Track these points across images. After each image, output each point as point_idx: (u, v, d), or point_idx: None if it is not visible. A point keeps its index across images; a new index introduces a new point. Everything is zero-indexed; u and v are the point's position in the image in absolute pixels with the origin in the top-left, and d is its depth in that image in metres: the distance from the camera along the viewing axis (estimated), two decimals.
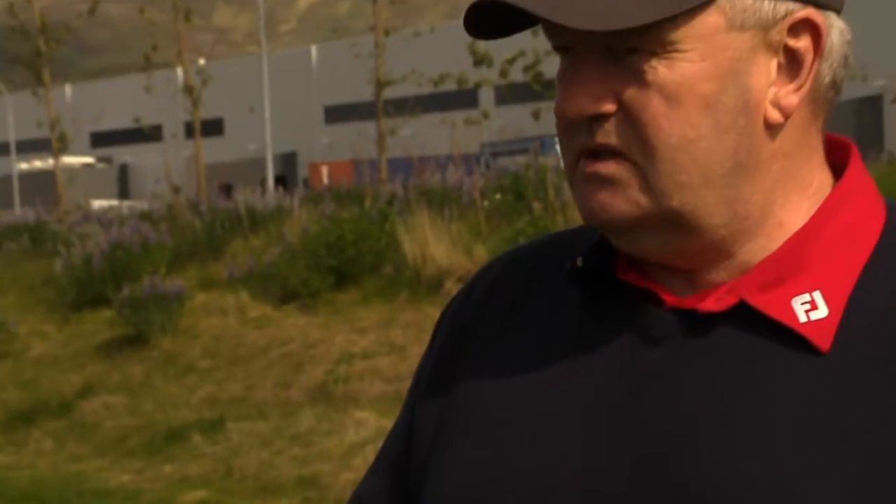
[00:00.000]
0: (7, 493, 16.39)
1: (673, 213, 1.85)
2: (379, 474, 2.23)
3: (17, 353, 22.96)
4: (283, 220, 23.83)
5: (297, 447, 16.48)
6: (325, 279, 21.06)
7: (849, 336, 1.83)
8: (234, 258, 23.02)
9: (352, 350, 18.88)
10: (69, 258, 24.79)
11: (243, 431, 17.36)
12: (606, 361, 1.94)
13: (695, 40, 1.80)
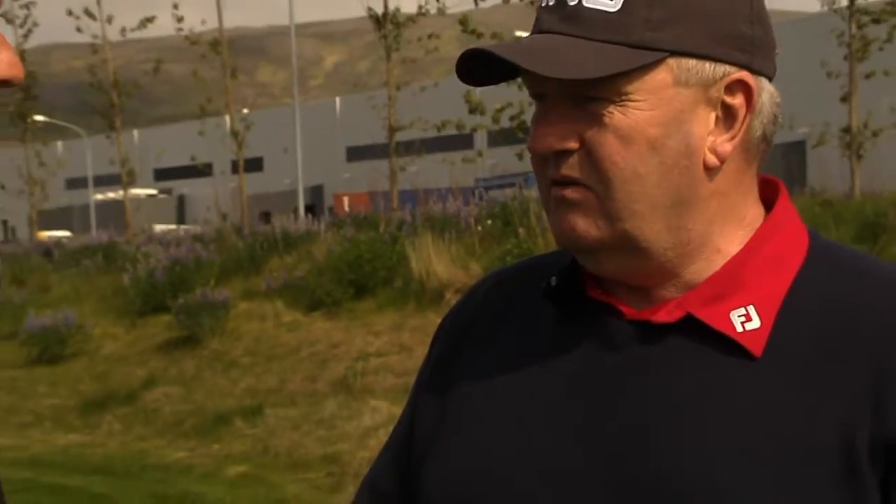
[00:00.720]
0: (83, 467, 16.36)
1: (626, 236, 1.85)
2: (386, 457, 2.22)
3: (91, 351, 22.83)
4: (312, 242, 23.68)
5: (322, 430, 16.41)
6: (346, 291, 20.89)
7: (778, 344, 1.83)
8: (271, 273, 22.87)
9: (368, 350, 18.78)
10: (135, 273, 24.64)
11: (277, 417, 17.30)
12: (575, 365, 1.94)
13: (646, 93, 1.80)
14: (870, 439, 1.74)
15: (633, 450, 1.85)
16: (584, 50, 1.79)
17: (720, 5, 1.84)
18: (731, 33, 1.85)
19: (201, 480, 15.54)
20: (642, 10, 1.79)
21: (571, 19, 1.82)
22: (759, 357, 1.83)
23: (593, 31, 1.80)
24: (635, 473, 1.83)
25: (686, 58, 1.82)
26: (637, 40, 1.80)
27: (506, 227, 20.90)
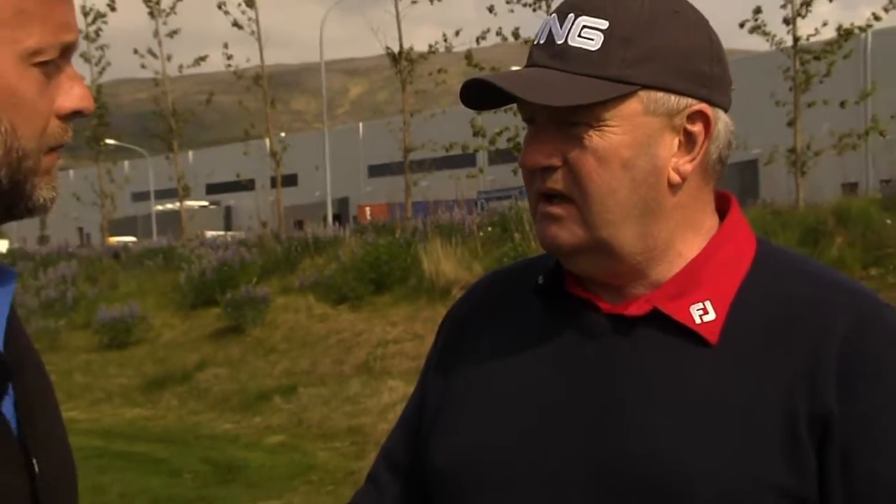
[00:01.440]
0: (146, 436, 16.41)
1: (602, 242, 1.87)
2: (400, 431, 2.22)
3: (152, 338, 22.86)
4: (338, 246, 23.67)
5: (348, 406, 16.41)
6: (367, 287, 20.90)
7: (731, 333, 1.86)
8: (304, 272, 22.86)
9: (386, 337, 18.78)
10: (189, 272, 24.65)
11: (309, 394, 17.30)
12: (559, 351, 1.96)
13: (620, 119, 1.83)
14: (808, 412, 1.77)
15: (608, 423, 1.87)
16: (569, 82, 1.82)
17: (684, 48, 1.86)
18: (694, 71, 1.87)
19: (245, 448, 15.57)
20: (619, 50, 1.82)
21: (559, 56, 1.86)
22: (714, 344, 1.86)
23: (577, 67, 1.83)
24: (610, 444, 1.85)
25: (655, 91, 1.85)
26: (614, 75, 1.82)
27: (503, 233, 20.91)
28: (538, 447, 1.92)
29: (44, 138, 1.64)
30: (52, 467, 1.80)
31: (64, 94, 1.67)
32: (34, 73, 1.61)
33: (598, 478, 1.84)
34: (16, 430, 1.74)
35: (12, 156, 1.61)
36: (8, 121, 1.59)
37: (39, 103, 1.63)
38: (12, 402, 1.75)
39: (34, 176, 1.65)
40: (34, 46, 1.61)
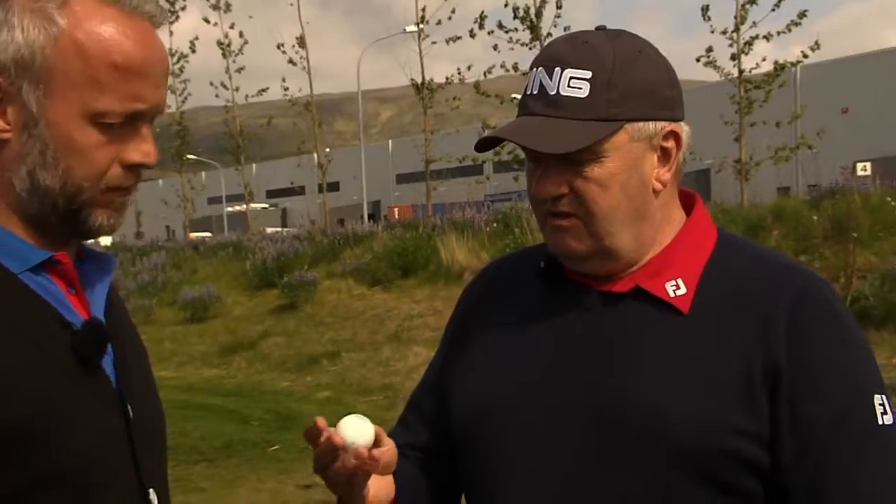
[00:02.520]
0: (221, 392, 16.49)
1: (605, 248, 1.88)
2: (425, 386, 2.21)
3: (225, 313, 22.87)
4: (372, 239, 23.65)
5: (381, 367, 16.42)
6: (396, 272, 20.90)
7: (698, 304, 1.87)
8: (345, 260, 22.83)
9: (411, 313, 18.79)
10: (254, 260, 24.63)
11: (351, 359, 17.32)
12: (558, 322, 1.96)
13: (613, 150, 1.83)
14: (761, 366, 1.79)
15: (599, 378, 1.87)
16: (568, 128, 1.82)
17: (652, 81, 1.88)
18: (661, 99, 1.88)
19: (299, 401, 15.59)
20: (603, 93, 1.82)
21: (553, 105, 1.85)
22: (686, 313, 1.88)
23: (573, 113, 1.83)
24: (601, 395, 1.86)
25: (636, 122, 1.84)
26: (603, 115, 1.83)
27: (506, 228, 20.91)
28: (540, 398, 1.91)
29: (102, 180, 1.68)
30: (143, 413, 1.81)
31: (132, 149, 1.69)
32: (94, 131, 1.64)
33: (592, 421, 1.85)
34: (114, 383, 1.76)
35: (67, 189, 1.65)
36: (65, 162, 1.64)
37: (96, 154, 1.66)
38: (111, 360, 1.77)
39: (90, 206, 1.69)
40: (98, 110, 1.63)
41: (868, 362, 1.85)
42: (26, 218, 1.70)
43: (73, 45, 1.62)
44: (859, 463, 1.76)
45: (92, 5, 1.64)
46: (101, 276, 1.83)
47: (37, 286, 1.70)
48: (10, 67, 1.62)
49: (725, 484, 1.78)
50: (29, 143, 1.65)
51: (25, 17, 1.62)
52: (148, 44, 1.68)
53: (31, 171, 1.66)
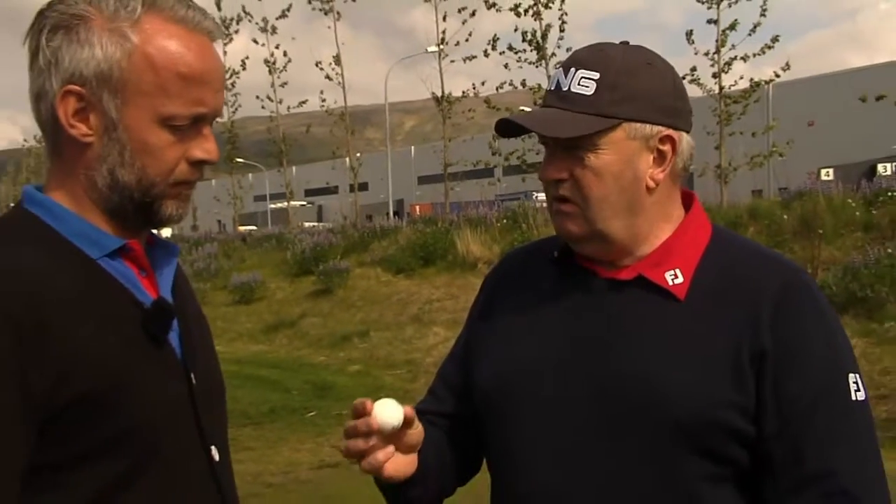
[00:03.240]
0: (265, 364, 16.58)
1: (599, 232, 1.88)
2: (452, 361, 2.20)
3: (269, 297, 22.92)
4: (397, 233, 23.68)
5: (405, 345, 16.46)
6: (418, 261, 20.89)
7: (694, 292, 1.87)
8: (373, 251, 22.87)
9: (431, 297, 18.80)
10: (294, 251, 24.67)
11: (378, 337, 17.38)
12: (569, 305, 1.95)
13: (609, 144, 1.83)
14: (749, 348, 1.79)
15: (604, 355, 1.87)
16: (572, 118, 1.84)
17: (655, 89, 1.87)
18: (662, 106, 1.87)
19: (334, 374, 15.67)
20: (606, 93, 1.83)
21: (563, 99, 1.87)
22: (683, 300, 1.88)
23: (577, 107, 1.84)
24: (605, 370, 1.86)
25: (634, 122, 1.84)
26: (603, 112, 1.83)
27: (514, 223, 20.90)
28: (552, 371, 1.91)
29: (172, 176, 1.71)
30: (205, 381, 1.82)
31: (196, 148, 1.72)
32: (164, 132, 1.67)
33: (597, 394, 1.85)
34: (179, 354, 1.78)
35: (142, 184, 1.69)
36: (140, 161, 1.68)
37: (166, 153, 1.69)
38: (177, 334, 1.79)
39: (161, 199, 1.73)
40: (167, 114, 1.66)
41: (843, 345, 1.85)
42: (106, 210, 1.73)
43: (145, 59, 1.65)
44: (834, 434, 1.77)
45: (159, 23, 1.67)
46: (167, 261, 1.85)
47: (112, 270, 1.72)
48: (91, 80, 1.64)
49: (716, 452, 1.78)
50: (109, 145, 1.68)
51: (104, 35, 1.64)
52: (207, 56, 1.71)
53: (111, 169, 1.69)
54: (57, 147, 1.72)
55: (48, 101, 1.67)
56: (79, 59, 1.64)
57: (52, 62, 1.65)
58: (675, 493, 1.78)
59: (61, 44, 1.65)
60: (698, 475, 1.78)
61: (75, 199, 1.72)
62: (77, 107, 1.66)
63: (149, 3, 1.67)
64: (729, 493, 1.80)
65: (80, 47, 1.64)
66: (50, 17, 1.66)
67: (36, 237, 1.68)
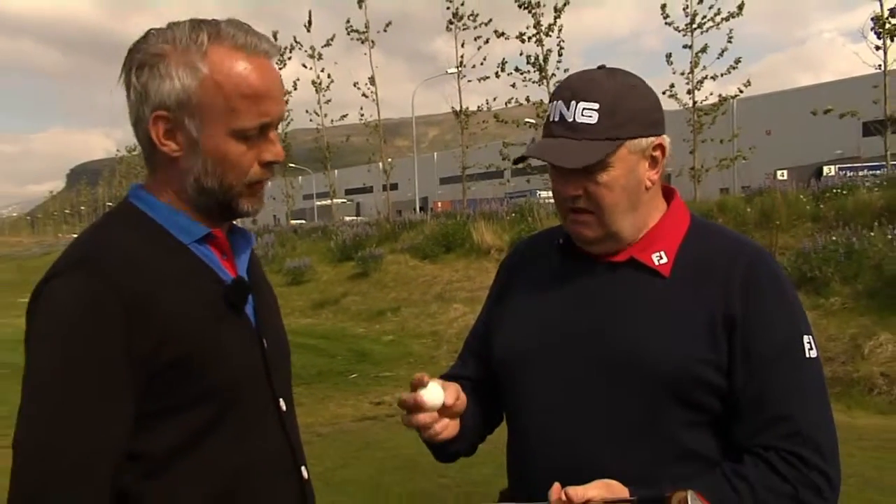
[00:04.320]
0: (313, 335, 16.56)
1: (612, 234, 1.88)
2: (476, 334, 2.20)
3: (316, 279, 22.91)
4: (423, 225, 23.58)
5: (430, 319, 16.42)
6: (440, 249, 20.79)
7: (677, 270, 1.88)
8: (403, 240, 22.76)
9: (452, 279, 18.74)
10: (337, 240, 24.70)
11: (407, 312, 17.33)
12: (571, 284, 1.95)
13: (616, 161, 1.83)
14: (722, 315, 1.80)
15: (601, 325, 1.87)
16: (583, 147, 1.83)
17: (643, 108, 1.87)
18: (651, 120, 1.88)
19: (371, 343, 15.66)
20: (608, 119, 1.82)
21: (571, 129, 1.85)
22: (667, 277, 1.88)
23: (586, 135, 1.83)
24: (602, 337, 1.86)
25: (633, 139, 1.84)
26: (608, 136, 1.82)
27: (521, 217, 20.79)
28: (557, 340, 1.91)
29: (247, 178, 1.73)
30: (274, 345, 1.85)
31: (265, 151, 1.74)
32: (237, 143, 1.70)
33: (595, 356, 1.85)
34: (254, 323, 1.81)
35: (223, 187, 1.72)
36: (220, 169, 1.71)
37: (241, 159, 1.71)
38: (252, 307, 1.82)
39: (240, 197, 1.75)
40: (238, 128, 1.69)
41: (799, 312, 1.87)
42: (195, 207, 1.77)
43: (215, 85, 1.67)
44: (791, 385, 1.78)
45: (224, 52, 1.69)
46: (244, 246, 1.88)
47: (200, 253, 1.76)
48: (174, 107, 1.67)
49: (694, 401, 1.79)
50: (193, 158, 1.71)
51: (179, 69, 1.67)
52: (266, 74, 1.72)
53: (196, 178, 1.72)
54: (152, 160, 1.77)
55: (143, 125, 1.71)
56: (162, 91, 1.67)
57: (141, 94, 1.69)
58: (660, 435, 1.79)
59: (147, 79, 1.68)
60: (680, 421, 1.79)
61: (170, 196, 1.76)
62: (165, 128, 1.69)
63: (213, 35, 1.69)
64: (705, 436, 1.82)
65: (162, 80, 1.67)
66: (136, 57, 1.70)
67: (139, 225, 1.73)
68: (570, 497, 1.66)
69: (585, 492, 1.66)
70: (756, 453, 1.76)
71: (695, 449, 1.80)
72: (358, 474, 7.43)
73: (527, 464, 1.94)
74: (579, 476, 1.71)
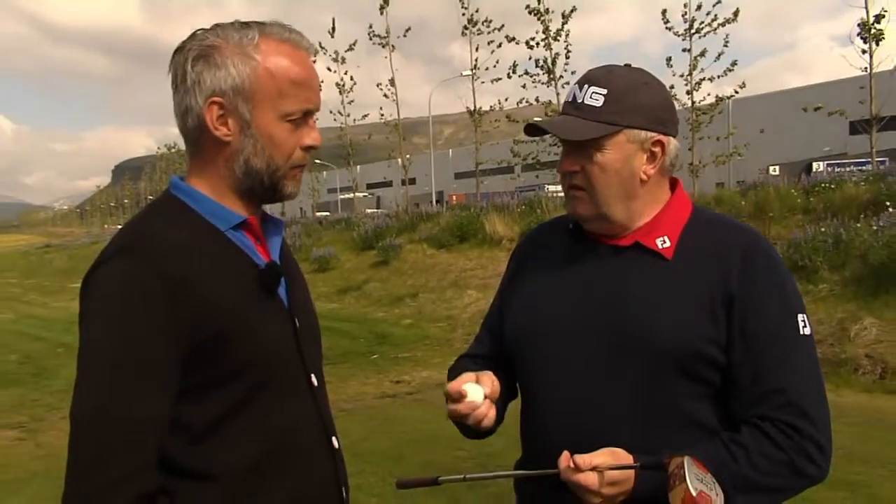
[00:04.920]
0: (338, 318, 16.56)
1: (603, 214, 1.87)
2: (491, 314, 2.19)
3: (340, 266, 22.88)
4: (439, 216, 23.51)
5: (445, 304, 16.41)
6: (455, 239, 20.73)
7: (679, 253, 1.86)
8: (420, 231, 22.65)
9: (466, 267, 18.70)
10: (359, 231, 24.66)
11: (425, 298, 17.32)
12: (580, 266, 1.94)
13: (612, 145, 1.82)
14: (721, 295, 1.80)
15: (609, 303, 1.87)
16: (584, 125, 1.82)
17: (650, 104, 1.87)
18: (654, 117, 1.87)
19: (391, 326, 15.67)
20: (611, 105, 1.81)
21: (578, 109, 1.85)
22: (670, 259, 1.88)
23: (588, 115, 1.83)
24: (609, 316, 1.86)
25: (632, 129, 1.83)
26: (609, 120, 1.82)
27: (530, 209, 20.75)
28: (568, 317, 1.91)
29: (290, 160, 1.76)
30: (305, 324, 1.86)
31: (306, 136, 1.77)
32: (284, 125, 1.72)
33: (604, 333, 1.85)
34: (286, 304, 1.82)
35: (269, 168, 1.74)
36: (268, 151, 1.73)
37: (286, 142, 1.73)
38: (284, 289, 1.82)
39: (283, 179, 1.77)
40: (286, 111, 1.72)
41: (793, 292, 1.86)
42: (237, 192, 1.78)
43: (266, 72, 1.70)
44: (786, 360, 1.78)
45: (273, 44, 1.72)
46: (276, 233, 1.90)
47: (235, 239, 1.77)
48: (229, 92, 1.70)
49: (696, 374, 1.79)
50: (245, 140, 1.73)
51: (235, 58, 1.70)
52: (308, 66, 1.76)
53: (246, 159, 1.74)
54: (198, 147, 1.77)
55: (195, 112, 1.72)
56: (218, 78, 1.70)
57: (196, 83, 1.71)
58: (664, 407, 1.79)
59: (203, 69, 1.70)
60: (682, 392, 1.79)
61: (211, 185, 1.78)
62: (219, 114, 1.71)
63: (262, 30, 1.73)
64: (705, 406, 1.81)
65: (218, 69, 1.70)
66: (191, 50, 1.72)
67: (180, 214, 1.74)
68: (577, 464, 1.67)
69: (592, 459, 1.68)
70: (753, 423, 1.76)
71: (696, 419, 1.80)
72: (380, 446, 7.47)
73: (538, 435, 1.94)
74: (587, 445, 1.72)
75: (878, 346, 9.73)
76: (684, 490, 1.52)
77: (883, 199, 13.42)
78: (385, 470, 6.66)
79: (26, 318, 22.20)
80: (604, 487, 1.68)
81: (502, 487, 5.86)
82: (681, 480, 1.54)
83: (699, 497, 1.51)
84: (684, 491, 1.52)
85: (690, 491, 1.51)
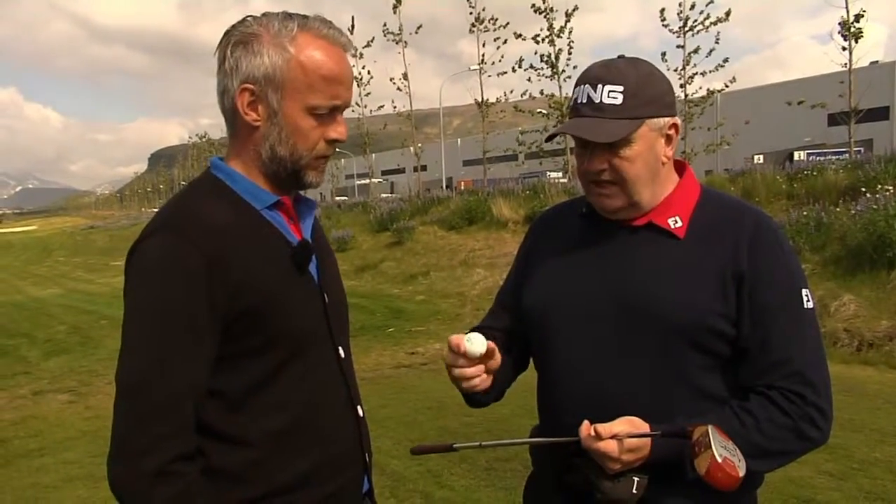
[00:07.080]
0: (356, 294, 16.47)
1: (634, 203, 1.83)
2: (505, 289, 2.14)
3: (357, 247, 22.86)
4: (449, 201, 23.51)
5: (455, 282, 16.40)
6: (464, 221, 20.69)
7: (690, 232, 1.83)
8: (432, 214, 22.69)
9: (474, 247, 18.64)
10: (375, 214, 24.66)
11: (436, 276, 17.30)
12: (595, 245, 1.90)
13: (638, 138, 1.78)
14: (731, 271, 1.77)
15: (622, 279, 1.83)
16: (609, 125, 1.77)
17: (661, 92, 1.82)
18: (666, 103, 1.83)
19: (405, 302, 15.65)
20: (631, 101, 1.76)
21: (598, 109, 1.79)
22: (682, 238, 1.83)
23: (611, 114, 1.77)
24: (624, 291, 1.82)
25: (653, 118, 1.79)
26: (632, 115, 1.77)
27: (534, 194, 20.67)
28: (583, 293, 1.87)
29: (314, 152, 1.71)
30: (334, 299, 1.84)
31: (332, 129, 1.71)
32: (310, 118, 1.67)
33: (618, 308, 1.81)
34: (316, 279, 1.79)
35: (293, 157, 1.69)
36: (293, 140, 1.68)
37: (311, 134, 1.68)
38: (315, 265, 1.79)
39: (307, 169, 1.72)
40: (313, 104, 1.66)
41: (797, 268, 1.82)
42: (266, 175, 1.74)
43: (298, 65, 1.65)
44: (791, 332, 1.75)
45: (310, 39, 1.67)
46: (308, 213, 1.86)
47: (270, 218, 1.74)
48: (261, 80, 1.66)
49: (707, 347, 1.76)
50: (271, 128, 1.68)
51: (270, 48, 1.65)
52: (341, 62, 1.70)
53: (272, 146, 1.70)
54: (235, 129, 1.74)
55: (230, 95, 1.68)
56: (252, 66, 1.65)
57: (233, 67, 1.66)
58: (677, 377, 1.76)
59: (240, 55, 1.66)
60: (694, 364, 1.76)
61: (246, 166, 1.74)
62: (250, 100, 1.67)
63: (301, 24, 1.67)
64: (716, 377, 1.78)
65: (254, 57, 1.65)
66: (234, 35, 1.68)
67: (218, 193, 1.71)
68: (598, 433, 1.65)
69: (612, 428, 1.66)
70: (760, 392, 1.74)
71: (707, 389, 1.77)
72: (396, 412, 7.47)
73: (556, 404, 1.90)
74: (605, 414, 1.69)
75: (855, 320, 9.72)
76: (710, 457, 1.51)
77: (860, 186, 13.36)
78: (402, 434, 6.67)
79: (73, 292, 22.33)
80: (623, 454, 1.66)
81: (511, 449, 5.88)
82: (706, 448, 1.52)
83: (724, 463, 1.50)
84: (710, 458, 1.51)
85: (716, 458, 1.50)
